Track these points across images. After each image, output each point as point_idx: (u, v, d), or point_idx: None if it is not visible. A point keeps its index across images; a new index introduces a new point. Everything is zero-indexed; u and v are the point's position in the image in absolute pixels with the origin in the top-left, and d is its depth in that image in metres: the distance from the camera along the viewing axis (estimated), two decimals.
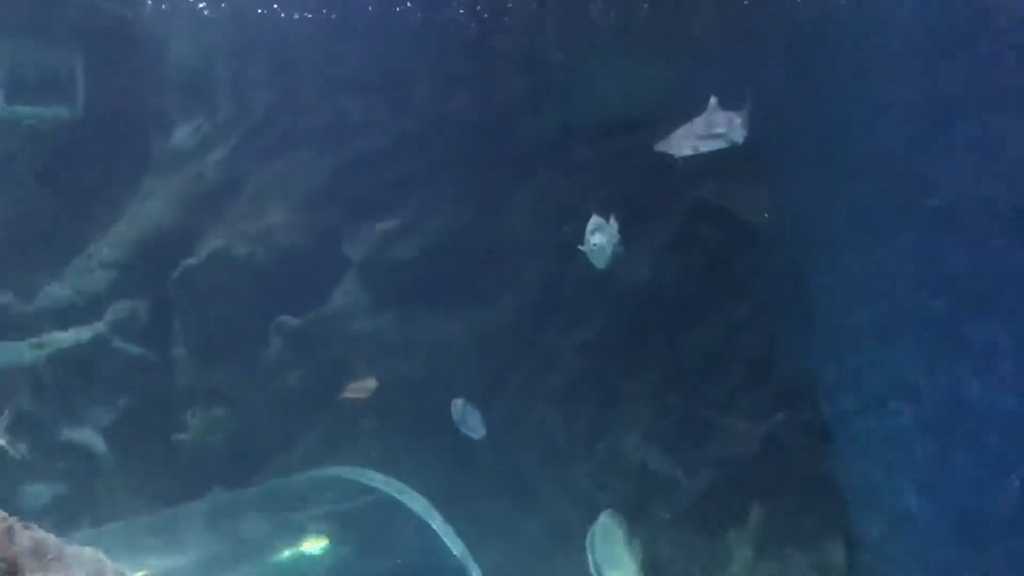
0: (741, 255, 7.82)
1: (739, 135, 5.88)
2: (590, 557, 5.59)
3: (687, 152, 6.01)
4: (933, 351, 6.88)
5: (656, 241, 7.94)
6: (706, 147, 5.97)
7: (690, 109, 6.72)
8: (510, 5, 8.33)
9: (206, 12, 8.23)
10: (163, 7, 8.24)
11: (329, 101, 8.54)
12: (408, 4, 8.29)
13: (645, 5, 8.20)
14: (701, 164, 7.09)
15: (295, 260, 8.31)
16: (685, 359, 7.74)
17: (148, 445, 8.02)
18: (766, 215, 7.70)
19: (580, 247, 6.01)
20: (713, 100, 6.00)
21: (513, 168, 8.23)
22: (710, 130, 5.93)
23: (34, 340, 7.94)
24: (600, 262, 6.03)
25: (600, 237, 5.92)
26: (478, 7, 8.36)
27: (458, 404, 6.88)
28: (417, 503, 6.55)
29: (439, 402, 6.98)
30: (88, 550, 3.48)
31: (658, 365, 7.76)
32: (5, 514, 3.17)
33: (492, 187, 8.21)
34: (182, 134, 8.65)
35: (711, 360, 7.68)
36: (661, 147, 6.12)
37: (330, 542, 6.19)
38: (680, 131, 6.06)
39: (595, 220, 6.00)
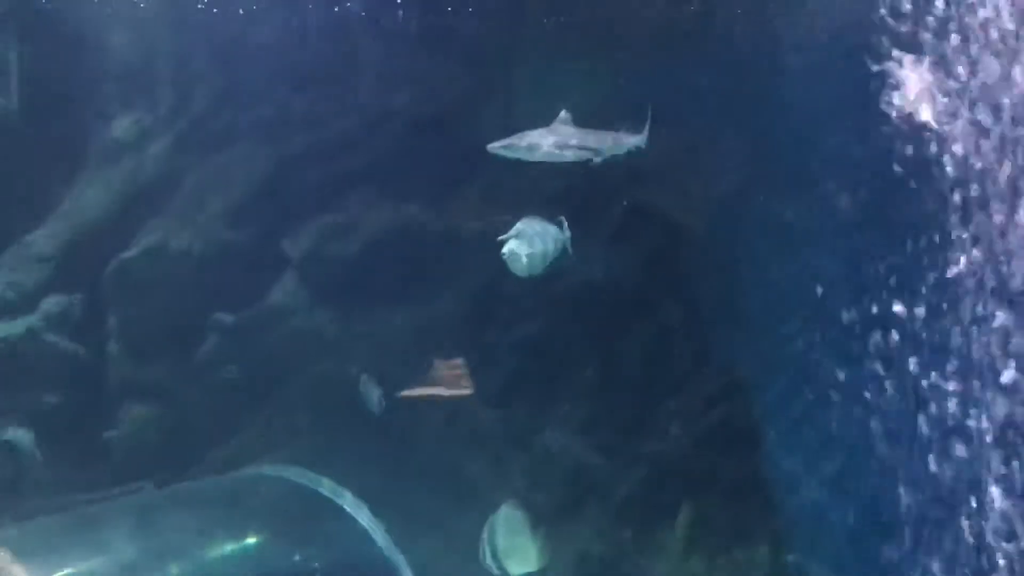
0: (679, 256, 7.88)
1: (588, 152, 5.87)
2: (486, 547, 5.47)
3: (522, 157, 5.97)
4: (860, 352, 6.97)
5: (600, 240, 7.97)
6: (541, 157, 5.93)
7: (635, 106, 6.80)
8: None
9: (142, 5, 8.12)
10: None
11: (271, 96, 8.47)
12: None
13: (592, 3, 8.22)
14: (642, 165, 7.18)
15: (233, 255, 8.24)
16: (622, 358, 7.80)
17: (79, 441, 7.92)
18: (703, 216, 7.78)
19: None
20: (563, 114, 6.01)
21: (457, 164, 8.21)
22: (543, 139, 5.94)
23: None
24: (516, 269, 5.67)
25: (515, 244, 5.58)
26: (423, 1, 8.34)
27: (363, 379, 6.98)
28: (348, 501, 6.55)
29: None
30: None
31: (595, 364, 7.81)
32: None
33: (435, 183, 8.19)
34: (121, 127, 8.53)
35: (646, 360, 7.75)
36: (493, 148, 6.08)
37: (257, 540, 6.16)
38: (515, 137, 6.05)
39: (520, 224, 5.68)
